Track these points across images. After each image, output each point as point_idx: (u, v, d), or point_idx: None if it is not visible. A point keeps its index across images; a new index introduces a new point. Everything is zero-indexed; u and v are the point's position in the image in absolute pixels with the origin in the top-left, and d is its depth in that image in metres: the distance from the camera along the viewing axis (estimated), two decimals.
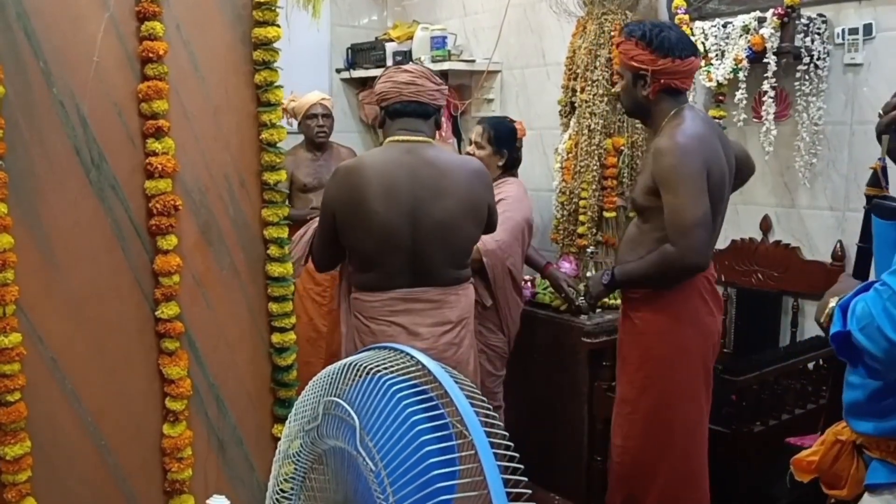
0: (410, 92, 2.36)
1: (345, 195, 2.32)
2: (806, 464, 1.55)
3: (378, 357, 1.49)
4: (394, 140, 2.37)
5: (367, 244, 2.32)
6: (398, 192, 2.28)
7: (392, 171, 2.30)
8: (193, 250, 2.29)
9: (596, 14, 3.39)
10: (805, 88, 2.93)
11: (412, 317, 2.37)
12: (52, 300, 2.08)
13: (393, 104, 2.38)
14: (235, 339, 2.40)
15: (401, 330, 2.35)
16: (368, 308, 2.39)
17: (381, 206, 2.27)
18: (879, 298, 1.21)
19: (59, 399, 2.09)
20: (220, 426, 2.38)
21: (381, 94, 2.40)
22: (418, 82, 2.36)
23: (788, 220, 3.16)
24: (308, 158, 3.96)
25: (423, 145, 2.37)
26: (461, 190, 2.36)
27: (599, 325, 3.23)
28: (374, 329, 2.36)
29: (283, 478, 1.58)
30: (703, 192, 2.24)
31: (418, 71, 2.40)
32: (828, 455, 1.49)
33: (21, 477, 1.99)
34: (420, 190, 2.30)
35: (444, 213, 2.32)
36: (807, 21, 2.88)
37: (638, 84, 2.37)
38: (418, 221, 2.30)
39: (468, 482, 1.31)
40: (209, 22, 2.31)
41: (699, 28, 3.14)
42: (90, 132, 2.12)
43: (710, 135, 2.34)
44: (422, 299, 2.37)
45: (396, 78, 2.38)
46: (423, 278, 2.37)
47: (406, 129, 2.37)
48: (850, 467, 1.44)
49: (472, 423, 1.33)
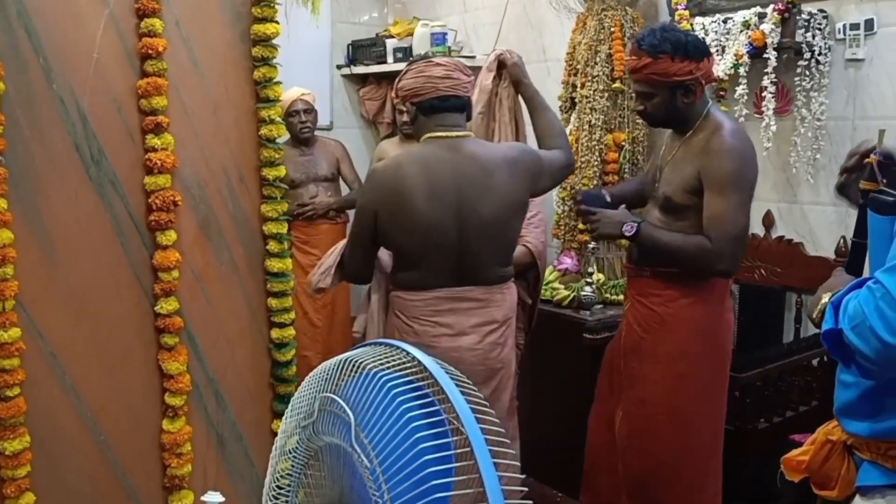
0: (447, 86, 2.25)
1: (386, 195, 2.21)
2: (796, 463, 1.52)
3: (374, 353, 1.49)
4: (433, 136, 2.27)
5: (412, 243, 2.23)
6: (443, 190, 2.19)
7: (436, 169, 2.20)
8: (193, 246, 2.30)
9: (596, 10, 3.38)
10: (806, 84, 2.92)
11: (457, 316, 2.28)
12: (51, 296, 2.09)
13: (428, 100, 2.26)
14: (235, 334, 2.41)
15: (445, 330, 2.27)
16: (411, 307, 2.29)
17: (425, 204, 2.17)
18: (872, 297, 1.18)
19: (58, 394, 2.10)
20: (220, 421, 2.38)
21: (413, 90, 2.28)
22: (454, 76, 2.27)
23: (791, 215, 3.15)
24: (295, 154, 3.92)
25: (465, 140, 2.28)
26: (507, 186, 2.26)
27: (601, 322, 3.22)
28: (417, 329, 2.27)
29: (280, 474, 1.58)
30: (750, 203, 2.24)
31: (451, 63, 2.30)
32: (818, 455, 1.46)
33: (20, 472, 2.01)
34: (466, 187, 2.21)
35: (491, 210, 2.23)
36: (807, 16, 2.87)
37: (678, 95, 2.29)
38: (465, 220, 2.22)
39: (464, 479, 1.31)
40: (208, 18, 2.31)
41: (699, 24, 3.12)
42: (90, 128, 2.12)
43: None
44: (467, 298, 2.28)
45: (431, 73, 2.26)
46: (468, 277, 2.28)
47: (444, 125, 2.27)
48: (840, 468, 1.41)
49: (468, 419, 1.33)
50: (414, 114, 2.32)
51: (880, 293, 1.17)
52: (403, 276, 2.31)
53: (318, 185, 3.96)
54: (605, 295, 3.37)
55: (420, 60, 2.36)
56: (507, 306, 2.37)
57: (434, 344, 2.21)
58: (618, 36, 3.32)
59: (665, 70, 2.24)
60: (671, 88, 2.27)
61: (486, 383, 2.28)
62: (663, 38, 2.24)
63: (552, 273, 3.51)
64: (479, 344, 2.28)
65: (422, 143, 2.30)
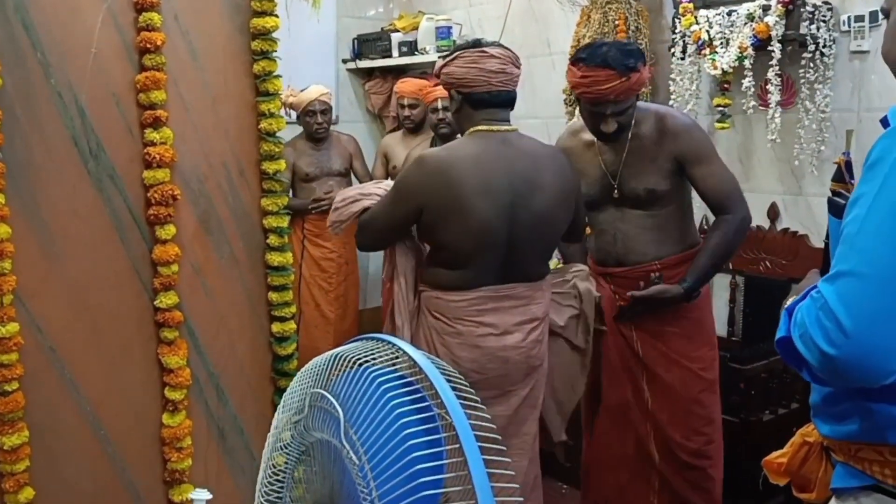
0: (499, 81, 2.15)
1: (437, 189, 2.11)
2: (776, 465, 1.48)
3: (365, 348, 1.48)
4: (481, 130, 2.18)
5: (462, 243, 2.14)
6: (497, 187, 2.11)
7: (489, 164, 2.12)
8: (192, 240, 2.30)
9: (600, 3, 3.36)
10: (810, 76, 2.89)
11: (501, 315, 2.20)
12: (50, 290, 2.09)
13: (479, 93, 2.16)
14: (235, 328, 2.41)
15: (490, 329, 2.18)
16: (453, 308, 2.19)
17: (480, 202, 2.09)
18: (813, 306, 1.15)
19: (57, 388, 2.11)
20: (220, 415, 2.39)
21: (464, 80, 2.16)
22: (507, 70, 2.16)
23: (796, 207, 3.13)
24: (309, 148, 3.96)
25: (514, 134, 2.20)
26: (557, 180, 2.20)
27: None
28: (461, 330, 2.18)
29: (273, 469, 1.58)
30: None
31: (505, 56, 2.17)
32: (796, 457, 1.43)
33: (19, 466, 2.01)
34: (519, 183, 2.13)
35: (541, 206, 2.17)
36: (812, 8, 2.84)
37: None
38: (516, 216, 2.14)
39: (454, 476, 1.30)
40: (207, 12, 2.30)
41: (703, 16, 3.10)
42: (88, 122, 2.12)
43: None
44: (511, 296, 2.21)
45: (484, 65, 2.14)
46: (512, 274, 2.21)
47: (492, 120, 2.18)
48: (818, 470, 1.37)
49: (457, 414, 1.32)
50: (460, 103, 2.22)
51: (820, 303, 1.14)
52: (445, 275, 2.22)
53: (331, 179, 3.97)
54: None
55: (471, 48, 2.20)
56: (546, 302, 2.31)
57: (480, 344, 2.16)
58: (622, 29, 3.30)
59: (641, 80, 2.28)
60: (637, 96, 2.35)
61: (525, 381, 2.24)
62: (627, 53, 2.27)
63: (556, 265, 3.49)
64: (524, 342, 2.21)
65: (468, 136, 2.20)
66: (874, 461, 1.25)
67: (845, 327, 1.10)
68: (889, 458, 1.23)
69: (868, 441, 1.25)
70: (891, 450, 1.23)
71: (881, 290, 1.10)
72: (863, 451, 1.26)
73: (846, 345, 1.10)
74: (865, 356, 1.10)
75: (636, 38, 3.33)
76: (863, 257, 1.13)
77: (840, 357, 1.11)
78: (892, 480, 1.23)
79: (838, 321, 1.10)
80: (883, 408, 1.21)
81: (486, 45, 2.20)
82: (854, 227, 1.15)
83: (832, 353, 1.11)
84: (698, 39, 3.11)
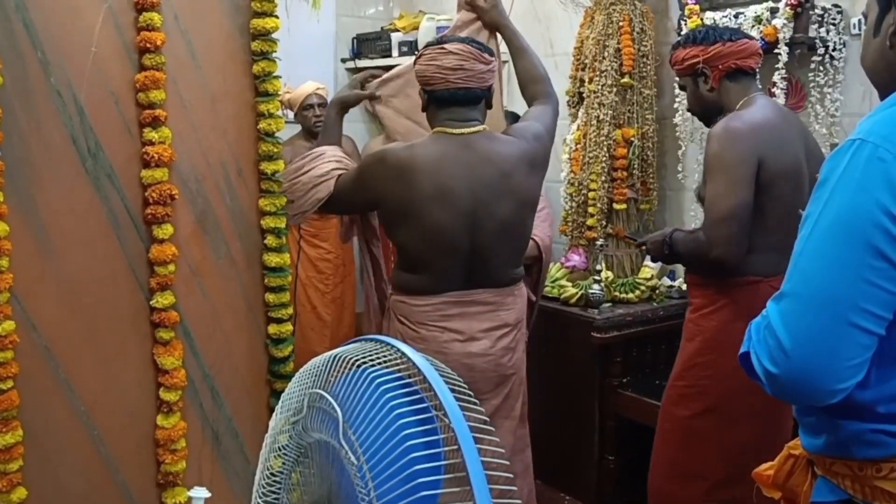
0: (458, 78, 2.11)
1: (394, 188, 2.12)
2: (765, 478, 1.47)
3: (364, 349, 1.47)
4: (443, 131, 2.16)
5: (418, 246, 2.14)
6: (456, 194, 2.09)
7: (448, 170, 2.09)
8: (189, 240, 2.27)
9: (604, 4, 3.34)
10: (820, 79, 2.87)
11: (467, 321, 2.19)
12: (46, 288, 2.07)
13: (438, 90, 2.14)
14: (231, 329, 2.38)
15: (455, 335, 2.17)
16: (417, 313, 2.20)
17: (435, 207, 2.08)
18: (761, 325, 1.17)
19: (51, 388, 2.08)
20: (215, 418, 2.36)
21: (425, 78, 2.16)
22: (466, 66, 2.11)
23: None
24: (306, 147, 3.91)
25: (479, 136, 2.16)
26: (525, 185, 2.18)
27: (609, 320, 3.18)
28: (425, 335, 2.17)
29: (270, 472, 1.56)
30: (744, 182, 2.12)
31: (465, 51, 2.13)
32: (782, 470, 1.42)
33: (12, 466, 1.99)
34: (481, 191, 2.11)
35: (508, 213, 2.14)
36: (821, 11, 2.83)
37: (699, 83, 2.32)
38: (479, 223, 2.12)
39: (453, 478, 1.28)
40: (207, 12, 2.29)
41: (710, 18, 3.09)
42: (87, 121, 2.11)
43: (777, 122, 2.22)
44: (477, 302, 2.19)
45: (441, 62, 2.11)
46: (478, 280, 2.19)
47: (455, 120, 2.16)
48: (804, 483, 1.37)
49: (457, 416, 1.30)
50: (426, 102, 2.21)
51: (765, 322, 1.16)
52: (408, 280, 2.22)
53: None
54: (614, 293, 3.32)
55: (433, 45, 2.20)
56: (518, 309, 2.29)
57: (445, 350, 2.14)
58: (626, 30, 3.28)
59: (680, 60, 2.35)
60: (692, 77, 2.34)
61: (496, 390, 2.21)
62: (687, 34, 2.37)
63: (560, 270, 3.47)
64: (491, 349, 2.19)
65: (431, 138, 2.18)
66: (846, 475, 1.25)
67: (785, 346, 1.12)
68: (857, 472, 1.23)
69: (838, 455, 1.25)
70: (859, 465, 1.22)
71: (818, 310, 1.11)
72: (836, 465, 1.27)
73: (786, 363, 1.12)
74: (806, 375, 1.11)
75: (641, 39, 3.31)
76: (802, 277, 1.15)
77: (781, 376, 1.13)
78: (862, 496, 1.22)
79: (779, 340, 1.13)
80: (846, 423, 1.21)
81: (450, 41, 2.17)
82: (799, 246, 1.17)
83: (774, 372, 1.13)
84: None
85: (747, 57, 2.28)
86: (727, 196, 2.12)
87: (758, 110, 2.22)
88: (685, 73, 2.35)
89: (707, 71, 2.28)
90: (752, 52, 2.29)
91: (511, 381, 2.26)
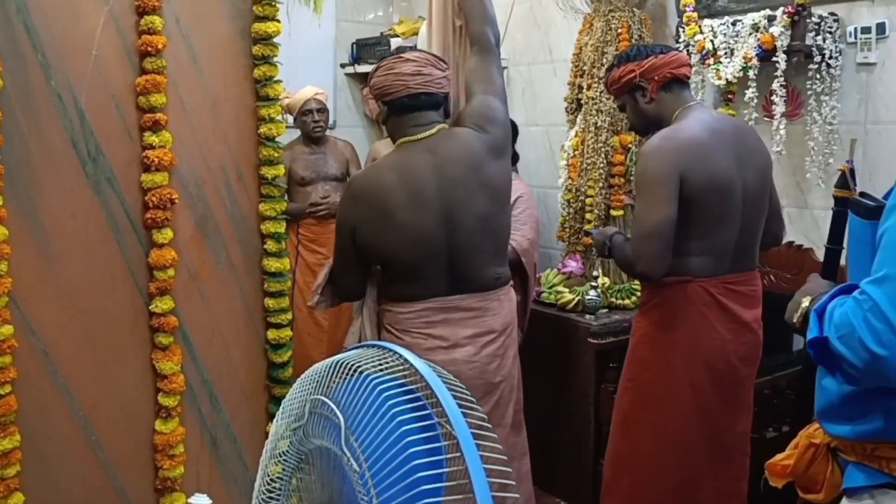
0: (417, 83, 2.12)
1: (365, 209, 2.12)
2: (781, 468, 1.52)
3: (366, 356, 1.47)
4: (407, 140, 2.16)
5: (399, 255, 2.13)
6: (428, 198, 2.09)
7: (416, 176, 2.10)
8: (189, 244, 2.27)
9: (603, 11, 3.34)
10: (817, 87, 2.88)
11: (451, 328, 2.16)
12: (45, 292, 2.07)
13: (399, 98, 2.14)
14: (230, 334, 2.38)
15: (439, 342, 2.15)
16: (402, 320, 2.18)
17: (410, 214, 2.08)
18: (860, 309, 1.19)
19: (50, 392, 2.08)
20: (214, 423, 2.36)
21: (383, 88, 2.15)
22: (424, 71, 2.13)
23: (801, 220, 3.11)
24: (305, 152, 3.95)
25: (441, 137, 2.16)
26: (496, 175, 2.17)
27: (606, 326, 3.18)
28: (408, 342, 2.14)
29: (270, 478, 1.55)
30: (666, 200, 2.15)
31: (422, 58, 2.16)
32: (802, 459, 1.47)
33: (10, 471, 1.98)
34: (452, 190, 2.11)
35: (483, 206, 2.13)
36: (818, 19, 2.83)
37: (637, 97, 2.35)
38: (456, 222, 2.11)
39: (455, 484, 1.28)
40: (209, 16, 2.29)
41: (708, 26, 3.09)
42: (87, 125, 2.11)
43: (703, 137, 2.23)
44: (461, 307, 2.17)
45: (400, 69, 2.13)
46: (461, 284, 2.17)
47: (418, 125, 2.15)
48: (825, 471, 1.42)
49: (459, 423, 1.30)
50: (387, 113, 2.21)
51: (868, 305, 1.18)
52: (392, 288, 2.22)
53: (327, 184, 3.94)
54: (611, 299, 3.32)
55: (390, 56, 2.22)
56: (505, 314, 2.26)
57: (428, 357, 2.10)
58: (625, 37, 3.28)
59: (613, 78, 2.39)
60: (629, 94, 2.36)
61: (485, 399, 2.18)
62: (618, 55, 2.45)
63: (556, 276, 3.47)
64: (476, 356, 2.17)
65: (395, 150, 2.19)
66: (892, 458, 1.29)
67: None
68: None
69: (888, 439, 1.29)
70: None
71: None
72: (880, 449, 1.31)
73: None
74: None
75: None
76: None
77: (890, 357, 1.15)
78: None
79: (890, 322, 1.15)
80: None
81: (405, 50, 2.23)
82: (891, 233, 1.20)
83: (882, 354, 1.16)
84: (702, 49, 3.09)
85: (680, 66, 2.33)
86: (648, 213, 2.17)
87: (686, 125, 2.26)
88: (623, 91, 2.39)
89: (644, 84, 2.32)
90: (684, 62, 2.36)
91: (500, 389, 2.24)
